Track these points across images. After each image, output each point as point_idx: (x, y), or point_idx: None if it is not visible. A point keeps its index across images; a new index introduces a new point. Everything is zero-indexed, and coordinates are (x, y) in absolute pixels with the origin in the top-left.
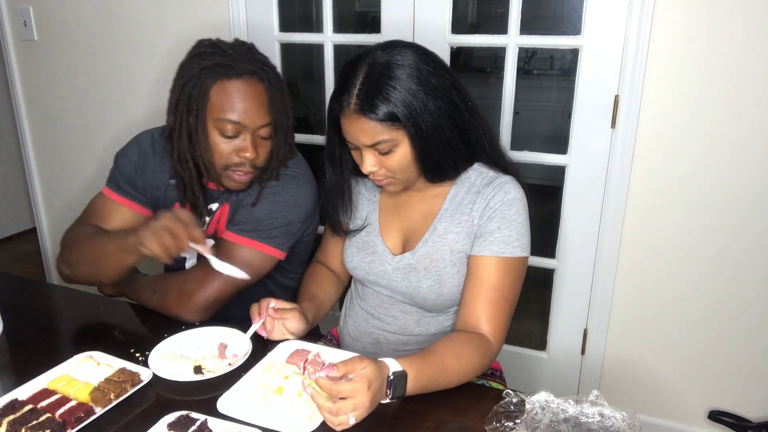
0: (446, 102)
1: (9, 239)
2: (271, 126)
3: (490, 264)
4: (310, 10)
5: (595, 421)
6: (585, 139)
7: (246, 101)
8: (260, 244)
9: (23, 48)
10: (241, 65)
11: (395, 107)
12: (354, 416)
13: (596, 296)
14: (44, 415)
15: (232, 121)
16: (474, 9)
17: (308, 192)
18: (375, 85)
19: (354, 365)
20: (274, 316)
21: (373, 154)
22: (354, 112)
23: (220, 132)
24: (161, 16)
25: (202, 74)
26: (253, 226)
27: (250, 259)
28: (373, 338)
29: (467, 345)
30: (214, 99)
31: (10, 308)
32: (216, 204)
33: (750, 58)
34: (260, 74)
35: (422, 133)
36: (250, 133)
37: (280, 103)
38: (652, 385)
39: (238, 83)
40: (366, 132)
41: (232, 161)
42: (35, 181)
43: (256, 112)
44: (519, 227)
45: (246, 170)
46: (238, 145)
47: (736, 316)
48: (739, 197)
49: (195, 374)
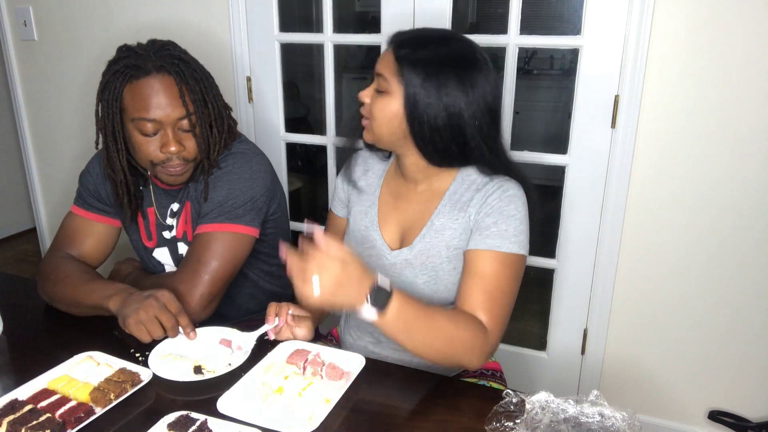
0: (453, 105)
1: (9, 239)
2: (190, 118)
3: (486, 257)
4: (310, 10)
5: (595, 421)
6: (585, 139)
7: (158, 97)
8: (230, 225)
9: (23, 48)
10: (148, 63)
11: (411, 62)
12: (318, 279)
13: (596, 296)
14: (44, 415)
15: (147, 119)
16: (474, 9)
17: (260, 164)
18: (420, 39)
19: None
20: (290, 323)
21: (375, 87)
22: (393, 44)
23: (140, 132)
24: (161, 17)
25: (113, 79)
26: (218, 211)
27: (227, 244)
28: (374, 338)
29: (462, 315)
30: (127, 101)
31: (10, 308)
32: (176, 204)
33: (750, 58)
34: (168, 69)
35: (415, 103)
36: (170, 128)
37: (194, 93)
38: (652, 385)
39: (147, 81)
40: (383, 60)
41: (159, 158)
42: (35, 181)
43: (169, 106)
44: (516, 223)
45: (176, 164)
46: (160, 141)
47: (737, 316)
48: (738, 197)
49: (195, 374)
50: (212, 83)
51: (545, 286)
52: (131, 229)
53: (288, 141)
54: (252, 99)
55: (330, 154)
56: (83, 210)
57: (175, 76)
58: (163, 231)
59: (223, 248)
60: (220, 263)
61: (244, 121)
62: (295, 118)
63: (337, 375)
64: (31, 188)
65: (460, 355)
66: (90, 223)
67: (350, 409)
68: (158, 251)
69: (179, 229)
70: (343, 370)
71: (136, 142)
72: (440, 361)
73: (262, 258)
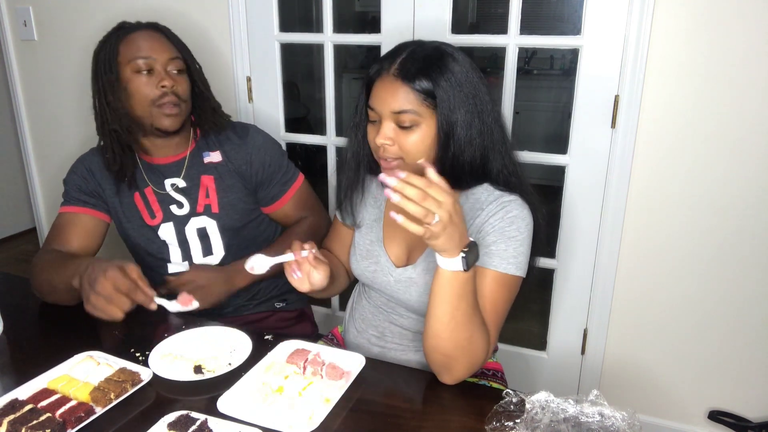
0: (482, 112)
1: (9, 239)
2: (179, 60)
3: (484, 275)
4: (310, 10)
5: (595, 421)
6: (585, 139)
7: (150, 41)
8: (296, 179)
9: (23, 48)
10: (137, 24)
11: (436, 85)
12: (439, 216)
13: (596, 296)
14: (44, 414)
15: (142, 56)
16: (474, 9)
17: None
18: (422, 59)
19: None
20: (312, 263)
21: (393, 125)
22: (392, 76)
23: (136, 71)
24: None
25: (107, 42)
26: (281, 175)
27: (307, 195)
28: (378, 331)
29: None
30: (122, 51)
31: (10, 308)
32: (179, 180)
33: (750, 58)
34: (157, 26)
35: (452, 123)
36: (162, 65)
37: (183, 46)
38: (652, 385)
39: (138, 32)
40: (397, 97)
41: (155, 94)
42: (35, 181)
43: (161, 48)
44: (517, 245)
45: (172, 100)
46: (155, 79)
47: (737, 316)
48: (738, 197)
49: (195, 374)
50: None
51: (545, 286)
52: (129, 214)
53: (288, 141)
54: (252, 99)
55: (330, 154)
56: (68, 206)
57: (164, 30)
58: (171, 206)
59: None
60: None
61: (244, 120)
62: (295, 118)
63: (337, 375)
64: (31, 188)
65: (464, 360)
66: (76, 216)
67: (350, 409)
68: (163, 227)
69: (199, 204)
70: (343, 370)
71: (133, 85)
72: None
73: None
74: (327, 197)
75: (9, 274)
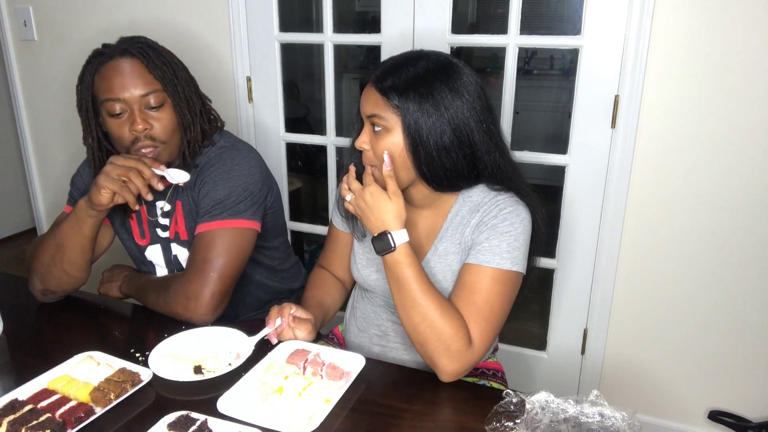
0: (458, 116)
1: (9, 239)
2: (157, 93)
3: (478, 271)
4: (310, 10)
5: (595, 421)
6: (585, 139)
7: (122, 77)
8: (234, 221)
9: (23, 48)
10: (112, 50)
11: (399, 89)
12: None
13: (596, 296)
14: (44, 415)
15: (113, 99)
16: (474, 9)
17: (253, 158)
18: (396, 65)
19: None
20: (291, 324)
21: (369, 129)
22: (371, 82)
23: (110, 113)
24: (161, 17)
25: (85, 72)
26: (220, 209)
27: (232, 240)
28: (381, 330)
29: (454, 312)
30: (96, 87)
31: (10, 308)
32: (166, 204)
33: (750, 58)
34: (132, 51)
35: (417, 130)
36: (136, 106)
37: (163, 72)
38: (652, 385)
39: (111, 64)
40: (369, 101)
41: (129, 138)
42: (35, 181)
43: (133, 84)
44: (511, 240)
45: (146, 144)
46: (128, 121)
47: (737, 316)
48: (739, 197)
49: (195, 374)
50: (183, 68)
51: (545, 286)
52: (124, 231)
53: (288, 141)
54: (252, 99)
55: (330, 154)
56: (72, 206)
57: (139, 56)
58: (157, 228)
59: (228, 245)
60: (226, 260)
61: (244, 121)
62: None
63: (337, 375)
64: (30, 188)
65: (434, 345)
66: None
67: (350, 409)
68: (151, 249)
69: (171, 230)
70: (343, 370)
71: (109, 127)
72: (419, 343)
73: (261, 251)
74: (327, 197)
75: (9, 274)
